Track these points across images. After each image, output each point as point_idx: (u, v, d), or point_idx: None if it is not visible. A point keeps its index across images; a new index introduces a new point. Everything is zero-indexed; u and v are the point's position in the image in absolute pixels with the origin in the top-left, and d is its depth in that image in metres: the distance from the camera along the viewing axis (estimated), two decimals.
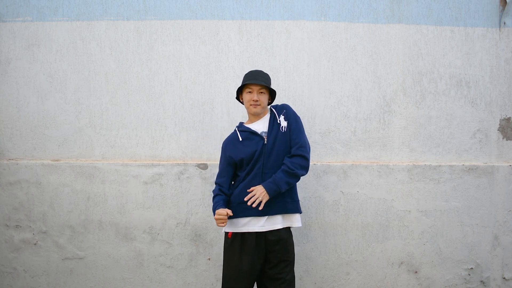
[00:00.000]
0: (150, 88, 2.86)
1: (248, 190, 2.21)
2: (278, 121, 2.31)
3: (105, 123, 2.85)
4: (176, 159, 2.84)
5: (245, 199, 2.19)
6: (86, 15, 2.85)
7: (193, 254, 2.80)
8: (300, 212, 2.34)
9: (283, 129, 2.29)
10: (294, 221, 2.30)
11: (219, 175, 2.40)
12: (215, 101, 2.85)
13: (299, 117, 2.37)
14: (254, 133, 2.31)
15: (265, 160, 2.25)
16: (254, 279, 2.29)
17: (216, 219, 2.18)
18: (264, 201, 2.17)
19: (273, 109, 2.37)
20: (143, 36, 2.86)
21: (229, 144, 2.37)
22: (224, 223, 2.19)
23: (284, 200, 2.25)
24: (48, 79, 2.86)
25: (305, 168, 2.26)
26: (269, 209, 2.22)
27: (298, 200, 2.34)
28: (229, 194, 2.33)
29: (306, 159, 2.26)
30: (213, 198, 2.34)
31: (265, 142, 2.27)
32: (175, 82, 2.86)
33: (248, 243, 2.22)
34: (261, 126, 2.33)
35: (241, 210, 2.25)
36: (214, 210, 2.25)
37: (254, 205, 2.16)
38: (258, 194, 2.17)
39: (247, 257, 2.22)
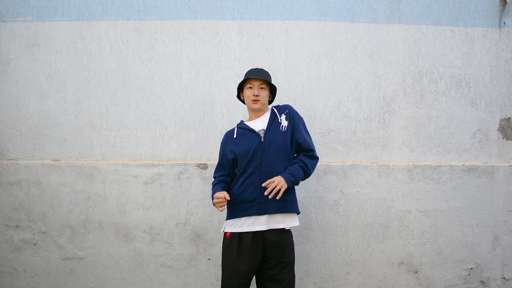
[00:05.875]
0: (150, 88, 2.86)
1: (264, 184, 2.16)
2: (279, 120, 2.31)
3: (105, 123, 2.85)
4: (176, 159, 2.84)
5: (263, 185, 2.14)
6: (86, 15, 2.85)
7: (193, 254, 2.80)
8: (298, 212, 2.34)
9: (283, 128, 2.29)
10: (292, 221, 2.30)
11: (217, 169, 2.40)
12: (215, 101, 2.85)
13: (302, 118, 2.38)
14: (251, 130, 2.31)
15: (263, 158, 2.24)
16: (252, 277, 2.30)
17: (215, 203, 2.18)
18: (283, 190, 2.14)
19: (274, 109, 2.37)
20: (143, 36, 2.86)
21: (227, 140, 2.38)
22: (223, 207, 2.19)
23: (284, 199, 2.23)
24: (48, 79, 2.86)
25: (313, 170, 2.33)
26: (268, 208, 2.21)
27: (297, 200, 2.34)
28: (228, 182, 2.33)
29: (317, 161, 2.34)
30: (213, 186, 2.34)
31: (262, 140, 2.26)
32: (175, 82, 2.86)
33: (245, 243, 2.22)
34: (260, 124, 2.33)
35: (240, 210, 2.25)
36: (212, 195, 2.25)
37: (272, 195, 2.13)
38: (277, 182, 2.14)
39: (244, 258, 2.22)
